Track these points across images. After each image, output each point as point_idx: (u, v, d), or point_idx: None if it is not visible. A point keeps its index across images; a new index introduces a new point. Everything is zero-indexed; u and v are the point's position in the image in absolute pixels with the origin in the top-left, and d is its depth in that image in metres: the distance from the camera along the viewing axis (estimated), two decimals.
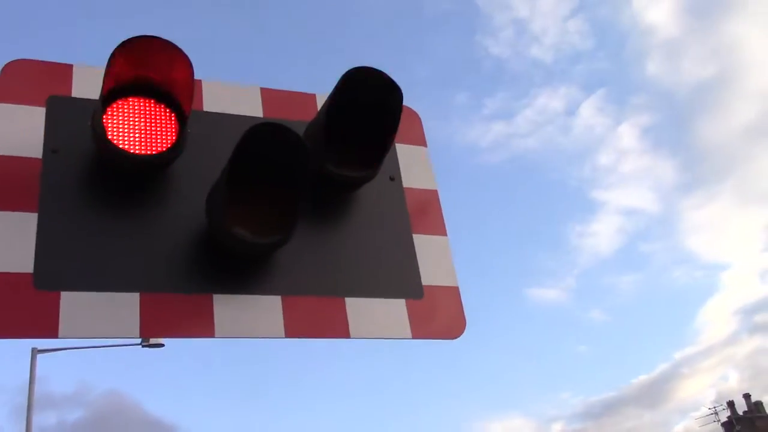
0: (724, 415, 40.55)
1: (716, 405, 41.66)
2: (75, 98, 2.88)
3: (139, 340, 19.01)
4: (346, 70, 2.83)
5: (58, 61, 2.96)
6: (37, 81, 2.87)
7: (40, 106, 2.81)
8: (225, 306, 2.64)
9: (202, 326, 2.59)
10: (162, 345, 19.24)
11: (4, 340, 2.35)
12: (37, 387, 17.87)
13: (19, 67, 2.87)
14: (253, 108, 3.20)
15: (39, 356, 18.46)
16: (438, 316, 2.98)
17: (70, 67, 2.97)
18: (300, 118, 3.18)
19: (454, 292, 3.07)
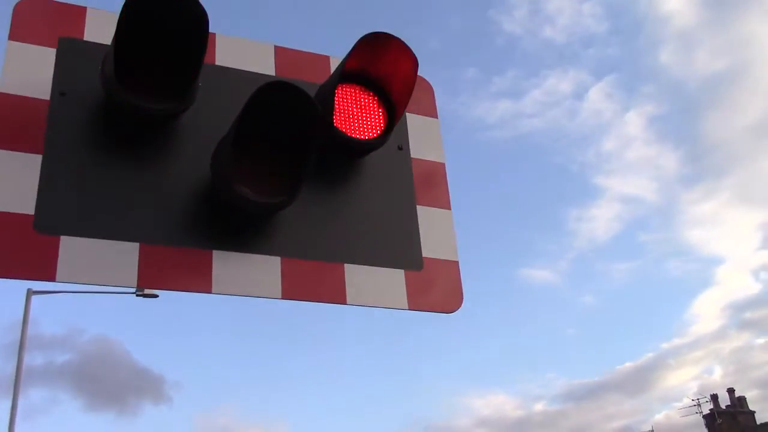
0: (707, 408, 40.88)
1: (699, 397, 41.99)
2: (87, 42, 2.84)
3: (133, 289, 19.13)
4: (363, 35, 2.79)
5: (72, 3, 2.92)
6: (50, 21, 2.83)
7: (51, 47, 2.77)
8: (224, 263, 2.64)
9: (199, 281, 2.58)
10: (156, 296, 19.38)
11: None
12: (19, 327, 18.00)
13: (31, 5, 2.83)
14: (265, 66, 3.16)
15: (33, 297, 18.58)
16: (436, 288, 2.98)
17: (83, 9, 2.93)
18: (312, 80, 3.14)
19: (453, 267, 3.06)
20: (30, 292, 18.67)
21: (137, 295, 19.42)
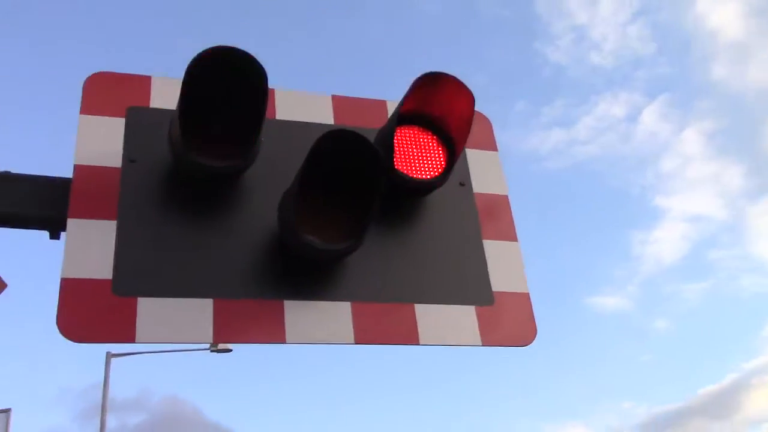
0: None
1: None
2: (153, 108, 2.96)
3: (207, 346, 19.41)
4: (417, 76, 2.83)
5: (137, 73, 3.06)
6: (117, 93, 2.96)
7: (119, 116, 2.90)
8: (296, 312, 2.67)
9: (273, 332, 2.62)
10: (230, 350, 19.61)
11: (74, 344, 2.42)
12: (99, 391, 18.37)
13: (100, 79, 2.97)
14: (324, 115, 3.23)
15: (111, 360, 19.01)
16: (508, 322, 2.94)
17: (148, 78, 3.06)
18: (371, 125, 3.19)
19: (524, 299, 3.03)
20: (109, 355, 19.12)
21: (211, 351, 19.68)
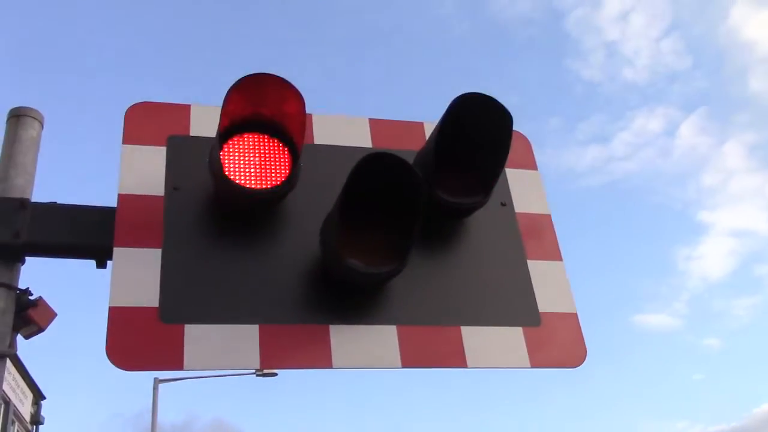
0: None
1: None
2: (193, 137, 3.00)
3: (253, 370, 19.51)
4: (454, 97, 2.82)
5: (177, 102, 3.10)
6: (158, 122, 3.00)
7: (161, 145, 2.94)
8: (341, 336, 2.65)
9: (319, 357, 2.60)
10: (275, 374, 19.68)
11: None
12: (147, 417, 18.54)
13: (141, 109, 3.02)
14: (362, 139, 3.23)
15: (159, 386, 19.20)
16: (557, 343, 2.89)
17: (187, 107, 3.10)
18: (409, 147, 3.18)
19: (572, 319, 2.97)
20: (157, 381, 19.33)
21: (257, 375, 19.77)
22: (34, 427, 26.71)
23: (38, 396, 26.86)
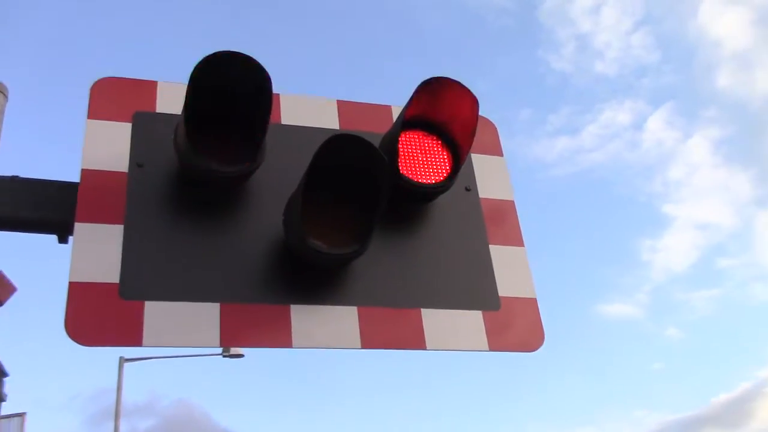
0: None
1: None
2: (159, 113, 2.98)
3: (220, 351, 19.47)
4: (420, 81, 2.83)
5: (143, 78, 3.07)
6: (124, 98, 2.98)
7: (126, 121, 2.91)
8: (302, 317, 2.67)
9: (279, 336, 2.62)
10: (242, 355, 19.63)
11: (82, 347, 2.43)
12: (109, 396, 18.48)
13: (106, 84, 2.99)
14: (329, 120, 3.24)
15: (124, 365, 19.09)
16: (516, 328, 2.93)
17: (154, 83, 3.07)
18: (376, 130, 3.19)
19: (532, 304, 3.02)
20: (122, 360, 19.21)
21: (224, 356, 19.72)
22: None
23: (1, 373, 26.53)
